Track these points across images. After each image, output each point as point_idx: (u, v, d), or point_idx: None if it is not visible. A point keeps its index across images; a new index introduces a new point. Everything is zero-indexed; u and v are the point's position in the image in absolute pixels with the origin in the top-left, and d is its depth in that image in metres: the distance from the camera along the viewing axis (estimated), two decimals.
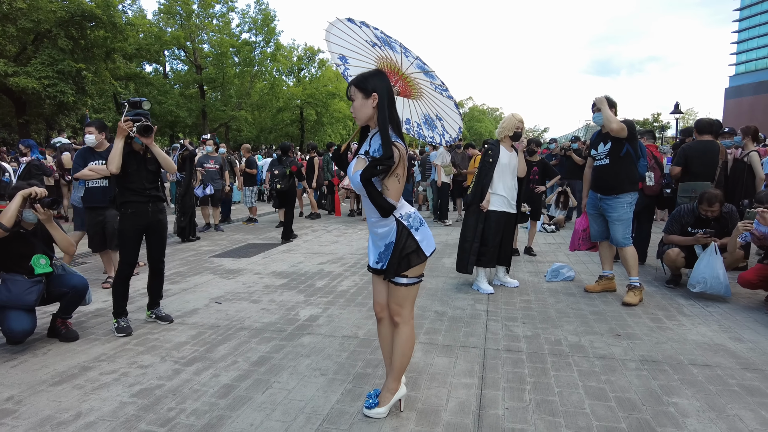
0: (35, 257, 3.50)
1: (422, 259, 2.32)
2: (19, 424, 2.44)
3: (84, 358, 3.28)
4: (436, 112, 2.67)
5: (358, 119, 2.30)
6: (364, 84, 2.24)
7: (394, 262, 2.30)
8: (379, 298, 2.49)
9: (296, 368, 3.07)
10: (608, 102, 4.46)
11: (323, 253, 6.88)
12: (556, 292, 4.84)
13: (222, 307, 4.40)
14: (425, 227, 2.37)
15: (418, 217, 2.37)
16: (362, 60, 2.54)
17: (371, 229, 2.39)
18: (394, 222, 2.30)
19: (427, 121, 2.72)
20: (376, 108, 2.23)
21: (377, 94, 2.22)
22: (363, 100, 2.24)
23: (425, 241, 2.34)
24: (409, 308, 2.41)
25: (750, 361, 3.14)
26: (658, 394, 2.70)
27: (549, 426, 2.38)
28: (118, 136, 3.63)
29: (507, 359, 3.19)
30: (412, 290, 2.38)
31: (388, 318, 2.48)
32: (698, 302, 4.42)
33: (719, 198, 4.61)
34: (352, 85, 2.28)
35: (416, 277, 2.36)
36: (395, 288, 2.35)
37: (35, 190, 3.41)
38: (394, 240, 2.29)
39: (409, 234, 2.30)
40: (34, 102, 20.52)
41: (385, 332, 2.53)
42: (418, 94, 2.59)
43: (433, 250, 2.37)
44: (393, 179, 2.20)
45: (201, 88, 30.13)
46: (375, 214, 2.30)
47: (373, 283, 2.53)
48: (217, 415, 2.50)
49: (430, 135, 2.77)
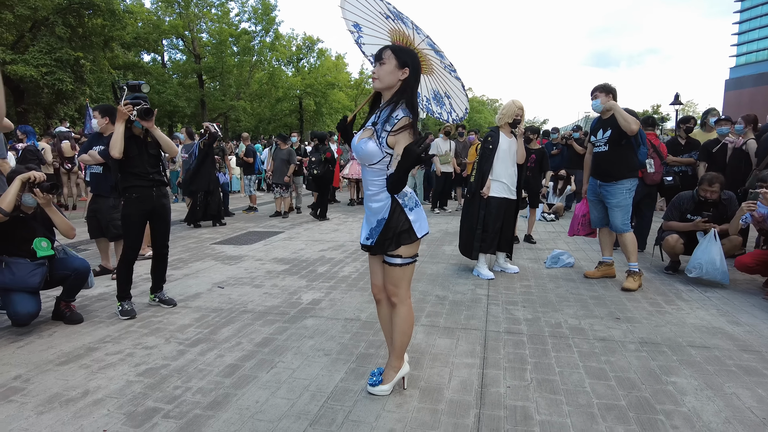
0: (37, 240, 3.52)
1: (413, 239, 2.32)
2: (28, 400, 2.48)
3: (89, 339, 3.31)
4: (445, 89, 2.67)
5: (379, 81, 2.26)
6: (401, 54, 2.24)
7: (384, 238, 2.31)
8: (376, 280, 2.51)
9: (300, 349, 3.11)
10: (607, 89, 4.48)
11: (324, 241, 6.91)
12: (556, 278, 4.88)
13: (224, 291, 4.43)
14: (420, 209, 2.38)
15: (414, 198, 2.38)
16: (376, 30, 2.52)
17: (366, 203, 2.40)
18: (389, 198, 2.31)
19: (436, 96, 2.72)
20: (403, 81, 2.24)
21: (409, 69, 2.24)
22: (395, 68, 2.23)
23: (418, 222, 2.35)
24: (405, 288, 2.42)
25: (747, 343, 3.18)
26: (657, 373, 2.74)
27: (550, 403, 2.42)
28: (118, 120, 3.63)
29: (508, 341, 3.23)
30: (407, 270, 2.39)
31: (386, 299, 2.50)
32: (697, 288, 4.47)
33: (720, 179, 4.64)
34: (389, 48, 2.26)
35: (410, 257, 2.37)
36: (390, 269, 2.37)
37: (34, 175, 3.41)
38: (387, 216, 2.30)
39: (403, 212, 2.31)
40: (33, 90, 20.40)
41: (384, 313, 2.55)
42: (429, 70, 2.59)
43: (425, 232, 2.38)
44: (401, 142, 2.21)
45: (200, 78, 29.95)
46: (373, 186, 2.32)
47: (369, 265, 2.55)
48: (222, 392, 2.54)
49: (438, 111, 2.77)
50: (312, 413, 2.33)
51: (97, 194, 4.96)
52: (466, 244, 4.99)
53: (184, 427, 2.22)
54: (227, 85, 30.40)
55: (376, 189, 2.33)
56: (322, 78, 33.95)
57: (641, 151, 4.55)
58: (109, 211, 4.85)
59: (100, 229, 5.00)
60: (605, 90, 4.48)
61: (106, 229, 4.93)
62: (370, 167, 2.30)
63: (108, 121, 4.79)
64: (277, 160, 9.35)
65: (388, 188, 2.26)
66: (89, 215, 5.02)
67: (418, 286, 4.51)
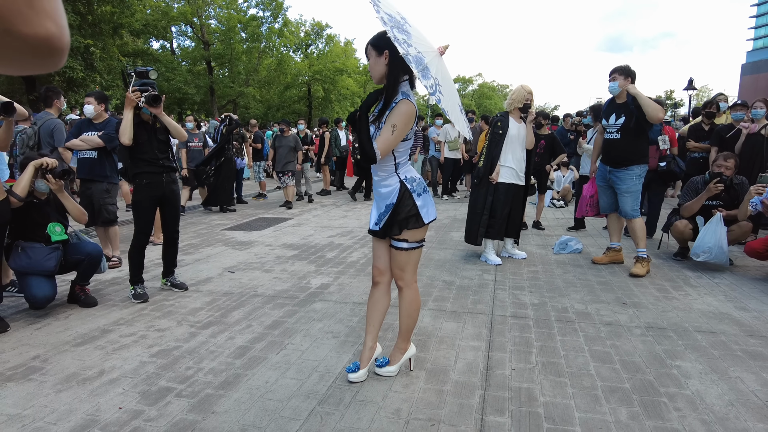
0: (51, 225, 3.60)
1: (420, 225, 2.37)
2: (47, 379, 2.56)
3: (104, 321, 3.40)
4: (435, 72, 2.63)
5: (373, 78, 2.34)
6: (377, 42, 2.28)
7: (392, 223, 2.36)
8: (378, 262, 2.53)
9: (309, 331, 3.17)
10: (626, 71, 4.40)
11: (333, 227, 6.96)
12: (564, 263, 4.89)
13: (235, 276, 4.50)
14: (428, 195, 2.43)
15: (422, 184, 2.43)
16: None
17: (375, 188, 2.45)
18: (398, 183, 2.36)
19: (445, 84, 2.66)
20: (389, 65, 2.27)
21: (388, 52, 2.26)
22: (376, 57, 2.29)
23: (426, 207, 2.39)
24: (411, 272, 2.46)
25: (754, 328, 3.18)
26: (662, 357, 2.76)
27: (554, 385, 2.46)
28: (126, 107, 3.66)
29: (514, 324, 3.26)
30: (413, 255, 2.43)
31: (384, 284, 2.53)
32: (705, 273, 4.45)
33: (735, 158, 4.59)
34: (368, 44, 2.32)
35: (417, 242, 2.41)
36: (396, 252, 2.41)
37: (46, 161, 3.48)
38: (395, 201, 2.35)
39: (411, 197, 2.36)
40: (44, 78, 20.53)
41: (377, 296, 2.55)
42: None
43: (433, 218, 2.42)
44: (387, 128, 2.24)
45: (209, 65, 29.95)
46: (382, 171, 2.37)
47: (373, 247, 2.58)
48: (233, 373, 2.61)
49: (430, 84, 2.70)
50: (320, 393, 2.39)
51: (90, 179, 4.87)
52: (470, 230, 5.00)
53: (196, 406, 2.29)
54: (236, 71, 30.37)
55: (385, 174, 2.39)
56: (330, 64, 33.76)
57: (654, 128, 4.49)
58: (102, 196, 4.84)
59: (93, 216, 4.87)
60: (624, 72, 4.37)
61: (98, 214, 4.86)
62: None
63: (104, 108, 4.79)
64: (283, 147, 8.89)
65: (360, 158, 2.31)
66: (84, 202, 4.88)
67: (425, 272, 4.55)
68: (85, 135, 4.71)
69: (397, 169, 2.37)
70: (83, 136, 4.70)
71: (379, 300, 2.55)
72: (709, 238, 4.37)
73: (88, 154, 4.81)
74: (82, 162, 4.86)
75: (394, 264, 2.46)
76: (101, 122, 4.77)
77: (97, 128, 4.73)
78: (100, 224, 4.99)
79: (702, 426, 2.10)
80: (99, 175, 4.84)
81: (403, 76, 2.31)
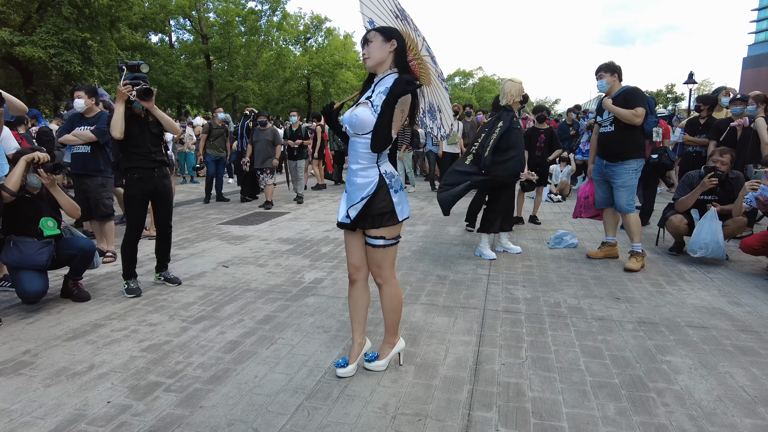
0: (43, 220, 3.59)
1: (395, 222, 2.34)
2: (36, 374, 2.56)
3: (96, 316, 3.39)
4: (438, 102, 2.62)
5: (370, 59, 2.27)
6: (386, 30, 2.29)
7: (366, 216, 2.32)
8: (353, 259, 2.50)
9: (300, 326, 3.17)
10: (611, 68, 4.42)
11: (329, 221, 6.95)
12: (558, 258, 4.88)
13: (229, 270, 4.50)
14: (403, 192, 2.41)
15: (399, 181, 2.41)
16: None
17: (350, 178, 2.38)
18: (377, 176, 2.32)
19: (430, 110, 2.65)
20: (394, 52, 2.27)
21: (396, 42, 2.26)
22: (382, 42, 2.26)
23: (401, 205, 2.37)
24: (389, 269, 2.43)
25: (746, 323, 3.18)
26: (652, 352, 2.76)
27: (543, 380, 2.46)
28: (117, 100, 3.64)
29: (506, 319, 3.26)
30: (390, 251, 2.40)
31: (362, 280, 2.51)
32: (699, 268, 4.45)
33: (732, 152, 4.57)
34: (372, 30, 2.30)
35: (393, 238, 2.39)
36: (372, 250, 2.39)
37: (38, 155, 3.46)
38: (372, 193, 2.30)
39: (388, 193, 2.33)
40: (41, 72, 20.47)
41: (356, 294, 2.53)
42: (427, 80, 2.53)
43: (406, 216, 2.40)
44: (397, 112, 2.22)
45: (207, 59, 29.82)
46: (362, 159, 2.31)
47: (346, 243, 2.53)
48: (222, 368, 2.61)
49: (430, 125, 2.70)
50: (309, 388, 2.39)
51: (84, 174, 4.87)
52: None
53: (184, 400, 2.29)
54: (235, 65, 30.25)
55: (365, 163, 2.32)
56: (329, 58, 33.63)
57: (649, 120, 4.47)
58: (98, 190, 4.84)
59: (89, 211, 4.90)
60: (610, 69, 4.42)
61: (95, 209, 4.87)
62: (362, 137, 2.29)
63: (94, 102, 4.76)
64: (260, 142, 8.24)
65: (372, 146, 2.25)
66: (79, 197, 4.88)
67: (419, 266, 4.55)
68: (78, 130, 4.69)
69: (378, 160, 2.34)
70: (75, 131, 4.69)
71: (359, 297, 2.53)
72: (705, 233, 4.36)
73: (81, 149, 4.79)
74: (76, 157, 4.84)
75: (371, 262, 2.43)
76: (93, 116, 4.75)
77: (89, 123, 4.71)
78: (98, 219, 4.99)
79: (689, 421, 2.10)
80: (93, 170, 4.83)
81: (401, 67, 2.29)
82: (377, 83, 2.30)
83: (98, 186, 4.85)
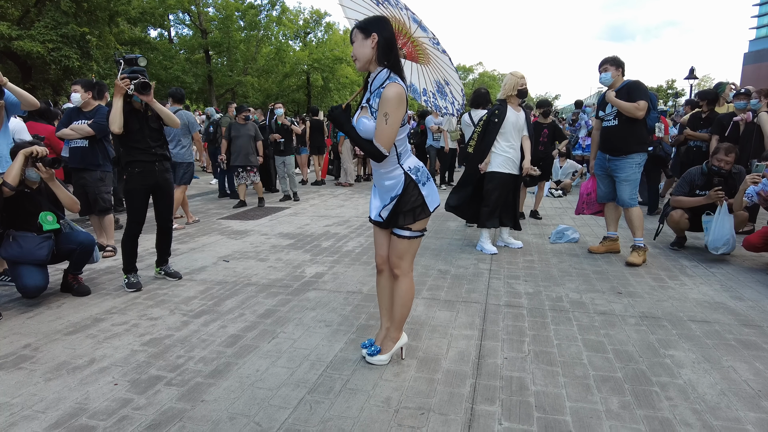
0: (42, 214, 3.57)
1: (426, 214, 2.37)
2: (36, 368, 2.55)
3: (96, 310, 3.38)
4: (443, 75, 2.57)
5: (357, 60, 2.27)
6: (364, 26, 2.23)
7: (398, 214, 2.34)
8: (381, 250, 2.53)
9: (302, 320, 3.15)
10: (616, 62, 4.40)
11: (329, 216, 6.93)
12: (560, 252, 4.87)
13: (230, 264, 4.48)
14: (431, 183, 2.42)
15: (425, 172, 2.41)
16: None
17: (377, 181, 2.42)
18: (403, 175, 2.33)
19: (439, 89, 2.60)
20: (375, 48, 2.22)
21: (376, 34, 2.20)
22: (363, 40, 2.23)
23: (430, 196, 2.38)
24: (409, 261, 2.46)
25: (749, 318, 3.17)
26: (655, 347, 2.75)
27: (546, 374, 2.45)
28: (116, 95, 3.61)
29: (507, 314, 3.25)
30: (414, 244, 2.42)
31: (388, 270, 2.53)
32: (702, 263, 4.44)
33: (735, 150, 4.55)
34: (353, 28, 2.27)
35: (419, 231, 2.40)
36: (397, 240, 2.40)
37: (36, 149, 3.44)
38: (401, 192, 2.33)
39: (416, 188, 2.33)
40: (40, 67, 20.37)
41: (384, 283, 2.58)
42: (426, 59, 2.49)
43: (437, 204, 2.41)
44: (379, 118, 2.18)
45: (207, 53, 29.69)
46: (384, 164, 2.32)
47: (374, 236, 2.57)
48: (224, 362, 2.60)
49: (444, 105, 2.65)
50: (311, 381, 2.38)
51: (83, 168, 4.84)
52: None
53: (185, 394, 2.28)
54: (234, 60, 30.12)
55: (388, 168, 2.33)
56: (329, 53, 33.46)
57: (651, 115, 4.46)
58: (97, 184, 4.81)
59: (89, 205, 4.88)
60: (615, 63, 4.39)
61: (94, 203, 4.85)
62: None
63: (91, 96, 4.72)
64: (242, 137, 7.61)
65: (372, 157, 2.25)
66: (78, 191, 4.88)
67: (420, 261, 4.53)
68: (75, 124, 4.66)
69: (399, 159, 2.33)
70: (73, 125, 4.66)
71: (387, 285, 2.57)
72: (725, 229, 4.31)
73: (79, 143, 4.76)
74: (74, 151, 4.81)
75: (393, 252, 2.44)
76: (91, 110, 4.72)
77: (87, 117, 4.68)
78: (97, 213, 4.97)
79: (693, 415, 2.09)
80: (91, 164, 4.81)
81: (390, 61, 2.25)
82: (371, 83, 2.29)
83: (97, 180, 4.82)
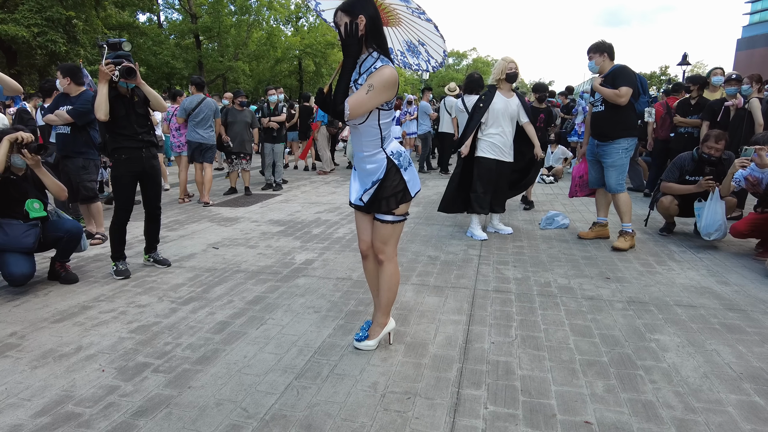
0: (29, 202, 3.53)
1: (407, 199, 2.37)
2: (22, 356, 2.54)
3: (84, 298, 3.36)
4: (418, 37, 2.59)
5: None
6: (349, 7, 2.18)
7: (380, 199, 2.33)
8: (364, 235, 2.53)
9: (290, 306, 3.15)
10: (601, 48, 4.40)
11: (320, 203, 6.91)
12: (549, 238, 4.89)
13: (219, 252, 4.46)
14: (413, 168, 2.41)
15: (407, 157, 2.40)
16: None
17: (359, 165, 2.40)
18: (385, 159, 2.32)
19: (410, 48, 2.64)
20: (365, 30, 2.19)
21: (364, 16, 2.17)
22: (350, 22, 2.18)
23: (412, 181, 2.38)
24: (393, 246, 2.46)
25: (734, 302, 3.21)
26: (641, 331, 2.78)
27: (533, 359, 2.47)
28: (100, 81, 3.53)
29: (496, 299, 3.26)
30: (398, 228, 2.42)
31: (373, 255, 2.53)
32: (690, 249, 4.47)
33: (726, 137, 4.57)
34: (338, 10, 2.21)
35: (402, 215, 2.40)
36: (381, 226, 2.39)
37: (21, 135, 3.38)
38: (382, 177, 2.31)
39: (398, 172, 2.33)
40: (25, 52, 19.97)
41: (370, 268, 2.60)
42: (396, 21, 2.52)
43: (418, 189, 2.40)
44: (362, 87, 2.16)
45: (197, 39, 29.23)
46: (367, 147, 2.31)
47: (356, 221, 2.57)
48: (211, 348, 2.59)
49: (415, 62, 2.69)
50: (298, 367, 2.39)
51: (65, 155, 4.75)
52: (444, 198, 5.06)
53: (172, 381, 2.27)
54: (225, 45, 29.70)
55: (370, 150, 2.32)
56: (321, 37, 33.04)
57: (641, 100, 4.46)
58: (79, 172, 4.72)
59: (73, 193, 4.78)
60: (599, 50, 4.41)
61: (77, 191, 4.76)
62: (361, 127, 2.28)
63: (70, 82, 4.58)
64: (238, 123, 7.49)
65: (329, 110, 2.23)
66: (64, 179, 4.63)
67: (410, 247, 4.54)
68: (60, 110, 4.58)
69: (383, 143, 2.32)
70: (57, 111, 4.57)
71: (373, 269, 2.58)
72: (717, 215, 4.31)
73: (62, 130, 4.69)
74: (58, 137, 4.75)
75: (376, 237, 2.44)
76: (75, 96, 4.63)
77: (72, 102, 4.59)
78: (80, 201, 4.90)
79: (676, 397, 2.12)
80: (73, 151, 4.71)
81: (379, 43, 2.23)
82: (360, 65, 2.26)
83: (79, 168, 4.71)
